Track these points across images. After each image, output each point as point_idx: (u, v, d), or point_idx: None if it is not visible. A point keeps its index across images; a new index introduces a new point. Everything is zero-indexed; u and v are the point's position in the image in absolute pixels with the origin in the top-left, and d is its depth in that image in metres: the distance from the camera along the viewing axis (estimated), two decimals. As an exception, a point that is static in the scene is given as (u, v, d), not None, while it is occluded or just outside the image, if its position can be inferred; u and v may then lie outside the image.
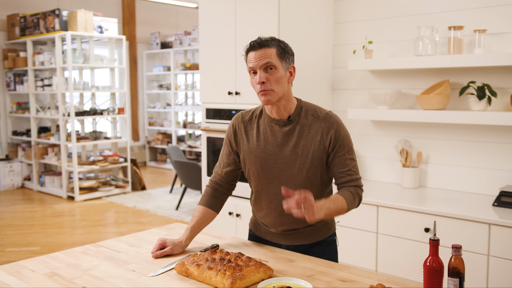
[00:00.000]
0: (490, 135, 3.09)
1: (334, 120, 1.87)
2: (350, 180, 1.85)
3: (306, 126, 1.86)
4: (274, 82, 1.78)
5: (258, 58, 1.77)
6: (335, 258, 2.02)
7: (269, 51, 1.77)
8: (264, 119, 1.92)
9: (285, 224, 1.93)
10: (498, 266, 2.59)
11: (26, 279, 1.66)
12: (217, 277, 1.57)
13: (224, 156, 2.03)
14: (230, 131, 1.99)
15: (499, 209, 2.77)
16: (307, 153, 1.84)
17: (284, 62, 1.81)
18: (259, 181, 1.93)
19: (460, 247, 1.42)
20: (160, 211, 6.05)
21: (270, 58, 1.77)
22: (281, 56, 1.80)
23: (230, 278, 1.54)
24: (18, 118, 7.75)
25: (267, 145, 1.89)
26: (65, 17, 6.68)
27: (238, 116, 2.00)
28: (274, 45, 1.79)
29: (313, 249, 1.97)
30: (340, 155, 1.85)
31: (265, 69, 1.78)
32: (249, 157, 1.93)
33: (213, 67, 3.72)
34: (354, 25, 3.64)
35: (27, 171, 7.64)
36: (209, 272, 1.60)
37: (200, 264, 1.65)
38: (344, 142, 1.85)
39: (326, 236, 1.99)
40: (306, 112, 1.89)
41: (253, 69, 1.80)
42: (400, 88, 3.44)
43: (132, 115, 9.61)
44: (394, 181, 3.54)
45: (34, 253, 4.46)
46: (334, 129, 1.84)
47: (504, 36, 2.98)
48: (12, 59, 7.37)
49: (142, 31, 9.68)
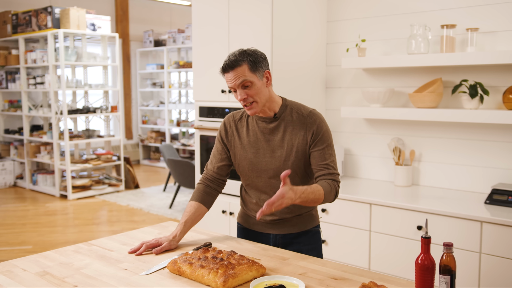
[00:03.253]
0: (482, 133, 3.11)
1: (317, 117, 1.99)
2: (327, 174, 1.94)
3: (290, 122, 1.99)
4: (254, 95, 1.91)
5: (233, 79, 1.89)
6: (319, 247, 2.15)
7: (240, 70, 1.88)
8: (253, 118, 2.06)
9: (274, 214, 2.05)
10: (490, 263, 2.61)
11: (17, 278, 1.65)
12: (209, 276, 1.57)
13: (216, 153, 2.14)
14: (222, 129, 2.12)
15: (491, 206, 2.78)
16: (292, 146, 1.97)
17: (258, 73, 1.91)
18: (249, 174, 2.05)
19: (451, 245, 1.43)
20: (153, 209, 6.04)
21: (244, 76, 1.88)
22: (253, 69, 1.90)
23: (223, 276, 1.54)
24: (10, 116, 7.71)
25: (256, 140, 2.02)
26: (57, 14, 6.64)
27: (230, 116, 2.13)
28: (244, 61, 1.89)
29: (299, 237, 2.08)
30: (319, 148, 1.95)
31: (243, 86, 1.90)
32: (239, 152, 2.06)
33: (206, 65, 3.71)
34: (347, 23, 3.64)
35: (20, 170, 7.59)
36: (202, 270, 1.60)
37: (193, 263, 1.64)
38: (325, 137, 1.97)
39: (311, 227, 2.11)
40: (291, 109, 2.01)
41: (232, 88, 1.93)
42: (393, 86, 3.45)
43: (126, 113, 9.58)
44: (387, 179, 3.55)
45: (26, 252, 4.43)
46: (317, 125, 1.97)
47: (497, 35, 3.00)
48: (4, 57, 7.32)
49: (135, 29, 9.65)
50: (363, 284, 1.49)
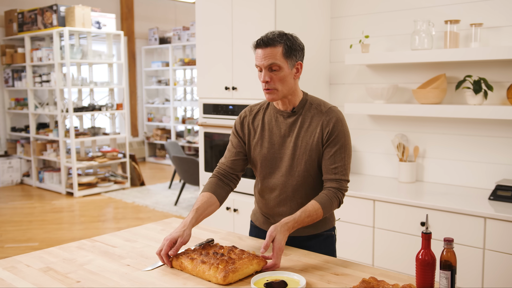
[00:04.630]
0: (486, 129, 3.10)
1: (334, 114, 1.88)
2: (333, 179, 1.85)
3: (308, 118, 1.89)
4: (278, 81, 1.81)
5: (263, 57, 1.79)
6: (332, 253, 2.02)
7: (274, 51, 1.78)
8: (270, 111, 1.97)
9: (283, 215, 1.94)
10: (493, 260, 2.60)
11: (21, 274, 1.66)
12: (210, 271, 1.58)
13: (231, 147, 2.04)
14: (238, 122, 2.03)
15: (495, 202, 2.77)
16: (306, 145, 1.87)
17: (290, 60, 1.81)
18: (261, 170, 1.97)
19: (451, 240, 1.43)
20: (159, 206, 6.06)
21: (275, 59, 1.78)
22: (287, 55, 1.80)
23: (223, 271, 1.55)
24: (17, 114, 7.75)
25: (271, 135, 1.94)
26: (62, 12, 6.66)
27: (247, 109, 2.05)
28: (280, 43, 1.79)
29: (309, 241, 1.98)
30: (331, 149, 1.85)
31: (270, 68, 1.80)
32: (254, 147, 1.97)
33: (210, 62, 3.72)
34: (351, 19, 3.63)
35: (26, 167, 7.64)
36: (203, 266, 1.61)
37: (194, 258, 1.66)
38: (339, 137, 1.85)
39: (323, 230, 2.00)
40: (311, 105, 1.92)
41: (258, 67, 1.83)
42: (397, 82, 3.44)
43: (131, 111, 9.61)
44: (391, 175, 3.54)
45: (33, 249, 4.47)
46: (333, 123, 1.85)
47: (501, 30, 2.98)
48: (10, 55, 7.36)
49: (140, 27, 9.66)
50: (363, 279, 1.49)
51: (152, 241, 2.00)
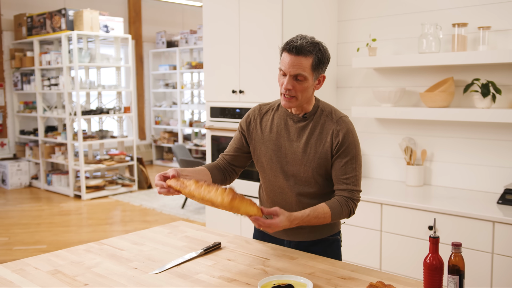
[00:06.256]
0: (494, 133, 3.08)
1: (345, 125, 1.85)
2: (345, 190, 1.83)
3: (318, 125, 1.87)
4: (299, 91, 1.78)
5: (291, 65, 1.74)
6: (337, 257, 2.02)
7: (304, 62, 1.74)
8: (280, 112, 1.94)
9: None
10: (502, 264, 2.58)
11: (29, 277, 1.67)
12: (216, 192, 1.52)
13: (232, 142, 2.05)
14: (245, 119, 2.02)
15: (504, 206, 2.75)
16: (315, 152, 1.85)
17: (316, 73, 1.79)
18: (266, 173, 1.95)
19: (459, 245, 1.42)
20: (166, 209, 6.08)
21: (303, 70, 1.75)
22: (315, 68, 1.77)
23: (231, 194, 1.52)
24: (26, 118, 7.81)
25: (279, 138, 1.91)
26: (71, 16, 6.72)
27: (256, 107, 2.02)
28: (312, 54, 1.75)
29: (315, 246, 1.97)
30: (342, 160, 1.83)
31: (295, 77, 1.76)
32: (259, 147, 1.95)
33: (217, 65, 3.73)
34: (358, 23, 3.63)
35: (35, 170, 7.69)
36: (208, 187, 1.56)
37: (199, 182, 1.62)
38: (350, 148, 1.84)
39: (328, 235, 1.99)
40: (322, 111, 1.89)
41: (283, 72, 1.79)
42: (404, 85, 3.43)
43: (139, 114, 9.65)
44: (398, 179, 3.53)
45: (41, 251, 4.49)
46: (343, 134, 1.83)
47: (509, 33, 2.97)
48: (19, 58, 7.42)
49: (148, 30, 9.71)
50: (371, 284, 1.49)
51: (159, 244, 2.00)
